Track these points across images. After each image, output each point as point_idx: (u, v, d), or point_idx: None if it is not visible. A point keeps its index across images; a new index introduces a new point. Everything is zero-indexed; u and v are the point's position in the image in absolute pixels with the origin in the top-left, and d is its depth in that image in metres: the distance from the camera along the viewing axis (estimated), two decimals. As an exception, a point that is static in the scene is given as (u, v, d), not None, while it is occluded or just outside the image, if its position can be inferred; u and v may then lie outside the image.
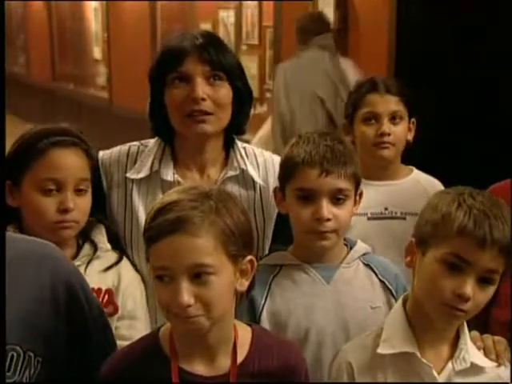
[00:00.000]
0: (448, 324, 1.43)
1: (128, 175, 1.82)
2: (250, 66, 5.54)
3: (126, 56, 7.79)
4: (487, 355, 1.46)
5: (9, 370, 1.33)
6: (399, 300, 1.51)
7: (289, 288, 1.65)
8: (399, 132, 2.09)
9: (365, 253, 1.71)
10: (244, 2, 5.97)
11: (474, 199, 1.37)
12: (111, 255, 1.76)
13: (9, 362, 1.33)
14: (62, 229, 1.67)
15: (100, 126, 7.61)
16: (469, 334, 1.46)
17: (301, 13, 4.59)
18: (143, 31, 7.39)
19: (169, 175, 1.80)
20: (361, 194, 1.68)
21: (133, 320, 1.73)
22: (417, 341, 1.43)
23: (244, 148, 1.88)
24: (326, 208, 1.58)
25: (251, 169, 1.84)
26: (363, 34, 4.50)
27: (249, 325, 1.43)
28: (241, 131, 1.87)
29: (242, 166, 1.83)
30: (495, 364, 1.46)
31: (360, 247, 1.71)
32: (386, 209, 2.09)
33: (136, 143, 1.88)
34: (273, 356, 1.38)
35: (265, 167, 1.87)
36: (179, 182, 1.77)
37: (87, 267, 1.70)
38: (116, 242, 1.79)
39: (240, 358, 1.36)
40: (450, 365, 1.43)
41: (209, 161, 1.83)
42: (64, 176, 1.66)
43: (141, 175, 1.81)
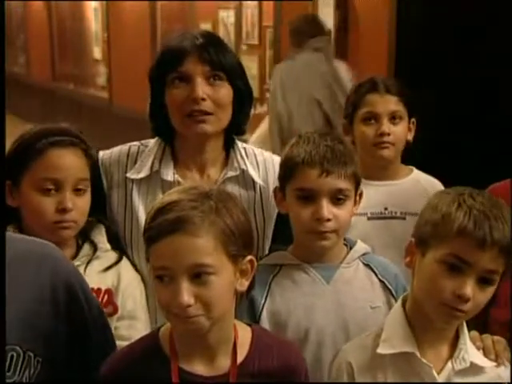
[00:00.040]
0: (447, 324, 1.43)
1: (128, 175, 1.82)
2: (250, 66, 5.53)
3: (126, 56, 7.79)
4: (486, 355, 1.47)
5: (9, 370, 1.33)
6: (399, 300, 1.51)
7: (289, 288, 1.65)
8: (399, 132, 2.09)
9: (364, 253, 1.71)
10: (244, 2, 5.97)
11: (474, 200, 1.37)
12: (111, 255, 1.76)
13: (9, 362, 1.33)
14: (61, 229, 1.66)
15: (100, 126, 7.61)
16: (468, 334, 1.47)
17: (300, 13, 4.60)
18: (143, 31, 7.38)
19: (169, 175, 1.80)
20: (361, 194, 1.68)
21: (132, 320, 1.73)
22: (416, 341, 1.43)
23: (244, 148, 1.88)
24: (326, 208, 1.58)
25: (251, 169, 1.84)
26: (363, 34, 4.50)
27: (249, 325, 1.43)
28: (241, 131, 1.87)
29: (242, 167, 1.83)
30: (494, 364, 1.46)
31: (360, 247, 1.71)
32: (386, 209, 2.09)
33: (136, 143, 1.88)
34: (273, 356, 1.38)
35: (265, 167, 1.87)
36: (179, 182, 1.77)
37: (87, 267, 1.70)
38: (116, 242, 1.79)
39: (240, 358, 1.36)
40: (450, 365, 1.43)
41: (209, 161, 1.82)
42: (63, 176, 1.66)
43: (141, 175, 1.81)
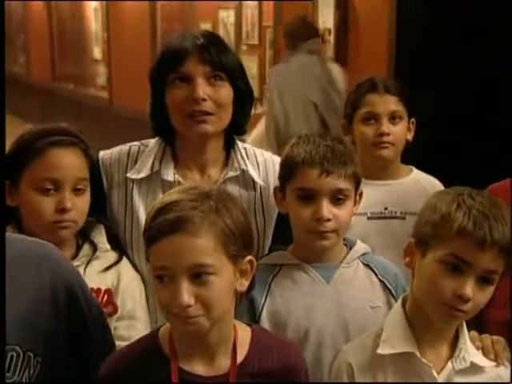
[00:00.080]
0: (447, 324, 1.43)
1: (128, 175, 1.82)
2: (250, 66, 5.53)
3: (126, 56, 7.80)
4: (486, 355, 1.47)
5: (8, 371, 1.32)
6: (399, 300, 1.51)
7: (289, 288, 1.65)
8: (398, 132, 2.09)
9: (364, 253, 1.71)
10: (244, 2, 5.97)
11: (474, 200, 1.37)
12: (111, 255, 1.76)
13: (8, 362, 1.32)
14: (60, 229, 1.66)
15: (100, 126, 7.61)
16: (468, 334, 1.47)
17: (297, 14, 4.59)
18: (143, 31, 7.39)
19: (169, 175, 1.80)
20: (361, 194, 1.68)
21: (132, 320, 1.73)
22: (416, 341, 1.43)
23: (245, 148, 1.87)
24: (326, 208, 1.58)
25: (252, 169, 1.84)
26: (363, 34, 4.50)
27: (248, 325, 1.43)
28: (241, 131, 1.87)
29: (243, 167, 1.83)
30: (494, 364, 1.46)
31: (360, 247, 1.71)
32: (386, 208, 2.09)
33: (136, 143, 1.88)
34: (273, 356, 1.38)
35: (265, 167, 1.87)
36: (180, 182, 1.77)
37: (86, 267, 1.70)
38: (116, 242, 1.79)
39: (240, 358, 1.36)
40: (450, 364, 1.43)
41: (209, 161, 1.82)
42: (62, 175, 1.66)
43: (141, 175, 1.81)
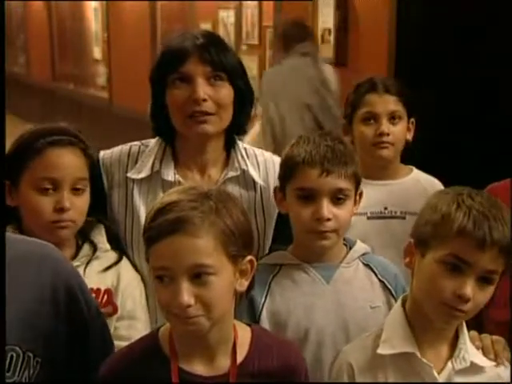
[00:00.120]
0: (447, 324, 1.43)
1: (129, 175, 1.82)
2: (250, 66, 5.53)
3: (126, 56, 7.80)
4: (486, 355, 1.47)
5: (8, 371, 1.32)
6: (398, 300, 1.51)
7: (288, 287, 1.65)
8: (398, 132, 2.09)
9: (364, 253, 1.71)
10: (244, 2, 5.97)
11: (473, 200, 1.37)
12: (110, 255, 1.76)
13: (8, 363, 1.32)
14: (59, 228, 1.66)
15: (100, 126, 7.61)
16: (468, 334, 1.47)
17: (293, 16, 4.59)
18: (143, 31, 7.38)
19: (170, 175, 1.80)
20: (361, 194, 1.68)
21: (132, 320, 1.72)
22: (416, 341, 1.43)
23: (245, 148, 1.87)
24: (326, 208, 1.58)
25: (252, 169, 1.84)
26: (363, 34, 4.50)
27: (248, 325, 1.43)
28: (242, 131, 1.87)
29: (243, 167, 1.82)
30: (494, 363, 1.46)
31: (359, 247, 1.71)
32: (386, 208, 2.09)
33: (137, 143, 1.88)
34: (273, 356, 1.38)
35: (265, 167, 1.87)
36: (180, 182, 1.77)
37: (86, 267, 1.70)
38: (116, 242, 1.78)
39: (240, 358, 1.36)
40: (450, 364, 1.43)
41: (210, 161, 1.82)
42: (61, 175, 1.65)
43: (142, 175, 1.81)
